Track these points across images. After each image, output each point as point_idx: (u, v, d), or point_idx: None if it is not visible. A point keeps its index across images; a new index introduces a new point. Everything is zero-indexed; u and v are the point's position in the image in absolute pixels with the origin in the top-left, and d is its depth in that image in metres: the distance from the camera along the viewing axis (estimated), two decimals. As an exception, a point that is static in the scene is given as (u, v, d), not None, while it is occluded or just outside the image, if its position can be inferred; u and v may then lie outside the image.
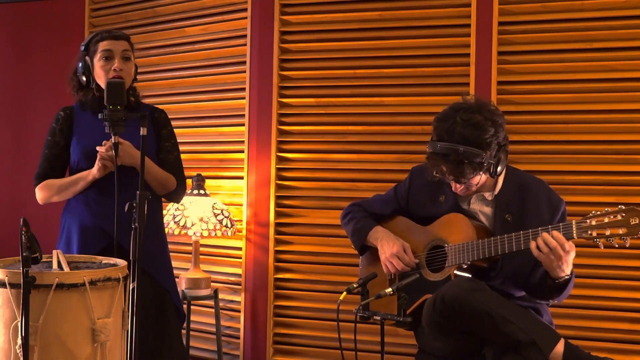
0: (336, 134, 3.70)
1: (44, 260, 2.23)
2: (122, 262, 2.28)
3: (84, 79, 2.74)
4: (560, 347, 2.29)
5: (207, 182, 3.86)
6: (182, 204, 3.67)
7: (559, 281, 2.38)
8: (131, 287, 2.17)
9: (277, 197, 3.78)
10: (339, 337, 2.28)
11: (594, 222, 2.29)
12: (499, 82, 3.39)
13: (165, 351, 2.70)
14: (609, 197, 3.22)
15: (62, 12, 4.52)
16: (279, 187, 3.78)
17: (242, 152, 3.87)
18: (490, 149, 2.42)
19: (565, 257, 2.31)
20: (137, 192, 2.17)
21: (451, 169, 2.44)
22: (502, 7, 3.38)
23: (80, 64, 2.74)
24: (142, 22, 4.25)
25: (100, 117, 2.34)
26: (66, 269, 2.17)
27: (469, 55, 3.43)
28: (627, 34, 3.24)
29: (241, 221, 3.84)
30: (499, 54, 3.39)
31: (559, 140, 3.33)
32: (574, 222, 2.32)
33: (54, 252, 2.33)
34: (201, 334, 3.97)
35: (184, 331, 3.38)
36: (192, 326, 3.75)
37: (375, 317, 2.36)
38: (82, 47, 2.76)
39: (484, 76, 3.39)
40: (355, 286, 2.40)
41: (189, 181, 3.60)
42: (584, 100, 3.30)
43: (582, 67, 3.29)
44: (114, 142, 2.37)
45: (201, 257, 3.86)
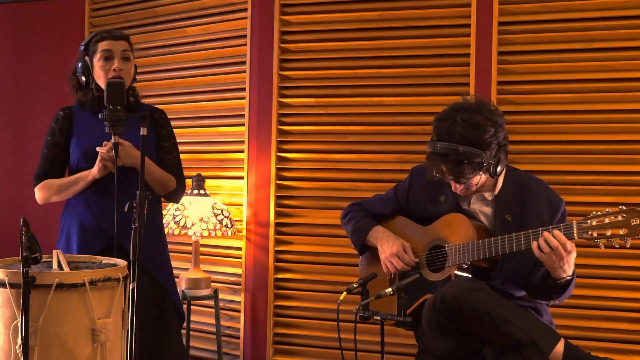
0: (336, 134, 3.69)
1: (44, 260, 2.23)
2: (122, 262, 2.28)
3: (83, 79, 2.74)
4: (560, 347, 2.29)
5: (207, 182, 3.86)
6: (182, 204, 3.66)
7: (560, 282, 2.38)
8: (131, 287, 2.17)
9: (277, 197, 3.78)
10: (339, 337, 2.28)
11: (594, 223, 2.29)
12: (499, 82, 3.39)
13: (165, 351, 2.70)
14: (609, 197, 3.22)
15: (62, 12, 4.52)
16: (279, 187, 3.77)
17: (242, 152, 3.87)
18: (490, 149, 2.42)
19: (566, 257, 2.31)
20: (137, 192, 2.17)
21: (451, 169, 2.44)
22: (502, 7, 3.38)
23: (79, 64, 2.74)
24: (142, 22, 4.25)
25: (100, 117, 2.34)
26: (66, 269, 2.17)
27: (469, 55, 3.43)
28: (627, 34, 3.24)
29: (241, 221, 3.84)
30: (499, 54, 3.39)
31: (559, 140, 3.33)
32: (575, 222, 2.31)
33: (54, 252, 2.33)
34: (201, 334, 3.97)
35: (184, 331, 3.38)
36: (192, 326, 3.74)
37: (375, 317, 2.36)
38: (81, 47, 2.76)
39: (484, 76, 3.38)
40: (355, 286, 2.40)
41: (189, 181, 3.60)
42: (584, 100, 3.30)
43: (582, 67, 3.29)
44: (114, 142, 2.37)
45: (201, 257, 3.86)
